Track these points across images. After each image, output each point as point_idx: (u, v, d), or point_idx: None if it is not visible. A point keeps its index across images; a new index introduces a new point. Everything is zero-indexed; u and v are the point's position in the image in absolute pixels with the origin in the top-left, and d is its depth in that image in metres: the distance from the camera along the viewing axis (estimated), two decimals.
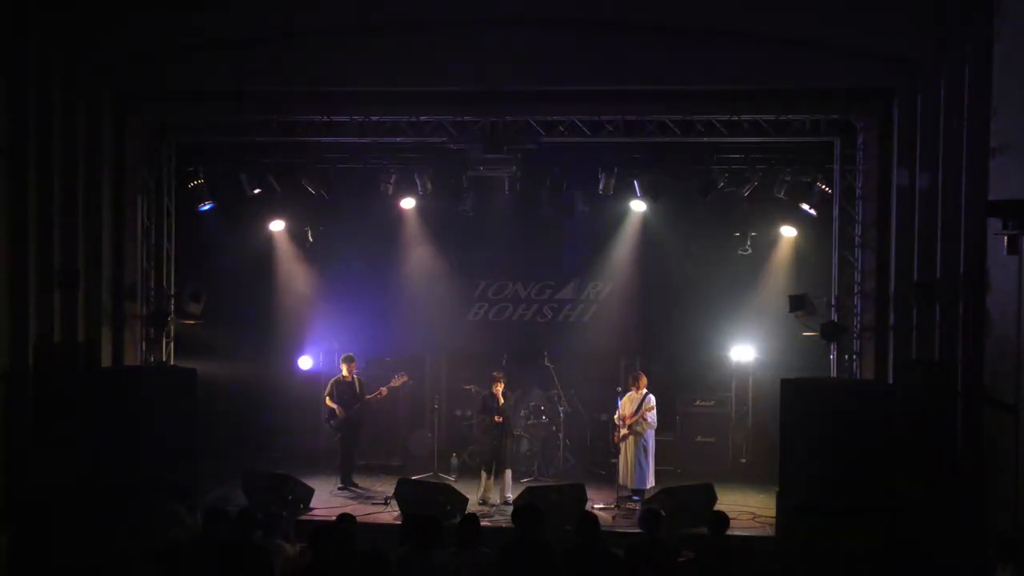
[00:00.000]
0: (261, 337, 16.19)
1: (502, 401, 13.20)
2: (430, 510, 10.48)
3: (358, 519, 8.81)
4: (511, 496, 12.68)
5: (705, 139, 12.88)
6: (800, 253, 15.09)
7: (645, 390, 13.24)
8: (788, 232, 15.01)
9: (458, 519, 9.48)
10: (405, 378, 14.30)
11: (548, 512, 7.91)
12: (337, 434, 13.88)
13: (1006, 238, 9.35)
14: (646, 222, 15.44)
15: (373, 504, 12.80)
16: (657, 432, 13.35)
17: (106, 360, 12.60)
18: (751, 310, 15.52)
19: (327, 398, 13.95)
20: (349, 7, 11.89)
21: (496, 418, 12.98)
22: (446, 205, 15.06)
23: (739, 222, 15.05)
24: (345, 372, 13.95)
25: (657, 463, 13.43)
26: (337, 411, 13.74)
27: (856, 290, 12.58)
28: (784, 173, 13.56)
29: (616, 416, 13.41)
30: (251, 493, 12.29)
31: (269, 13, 11.89)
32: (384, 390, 13.99)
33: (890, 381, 11.69)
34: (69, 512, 9.50)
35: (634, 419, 13.10)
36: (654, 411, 13.17)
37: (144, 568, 7.52)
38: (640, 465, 13.07)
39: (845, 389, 11.63)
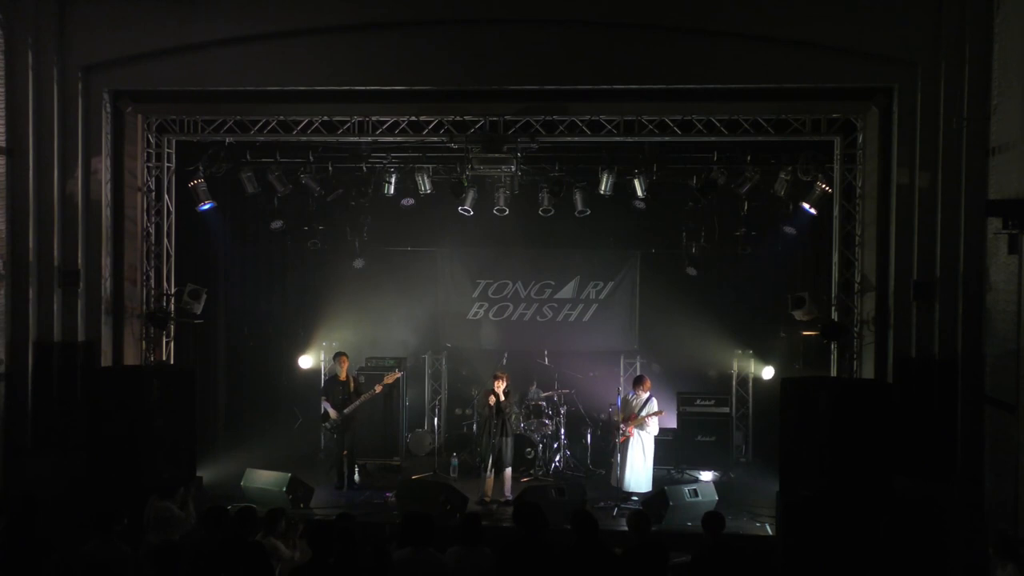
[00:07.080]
0: (262, 336, 16.18)
1: (501, 399, 13.19)
2: (430, 510, 10.48)
3: (358, 519, 8.81)
4: (511, 495, 12.68)
5: (705, 139, 12.87)
6: (800, 253, 15.09)
7: (649, 392, 13.26)
8: (788, 232, 14.98)
9: (459, 519, 9.47)
10: (398, 374, 14.32)
11: (548, 512, 7.90)
12: (334, 434, 13.88)
13: (1006, 238, 9.37)
14: (646, 222, 15.44)
15: (373, 504, 12.81)
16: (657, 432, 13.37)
17: (106, 360, 12.60)
18: (751, 310, 15.54)
19: (323, 398, 13.95)
20: (349, 7, 11.90)
21: (489, 403, 12.93)
22: (446, 205, 15.07)
23: (739, 222, 15.04)
24: (339, 371, 13.94)
25: (657, 463, 13.46)
26: (330, 411, 13.69)
27: (856, 290, 12.56)
28: (784, 172, 13.55)
29: (618, 417, 13.39)
30: (253, 493, 12.28)
31: (269, 13, 11.92)
32: (378, 387, 13.95)
33: (890, 380, 11.69)
34: (68, 512, 9.49)
35: (638, 421, 13.11)
36: (656, 419, 13.18)
37: (143, 568, 7.51)
38: (641, 466, 13.08)
39: (845, 388, 11.62)
